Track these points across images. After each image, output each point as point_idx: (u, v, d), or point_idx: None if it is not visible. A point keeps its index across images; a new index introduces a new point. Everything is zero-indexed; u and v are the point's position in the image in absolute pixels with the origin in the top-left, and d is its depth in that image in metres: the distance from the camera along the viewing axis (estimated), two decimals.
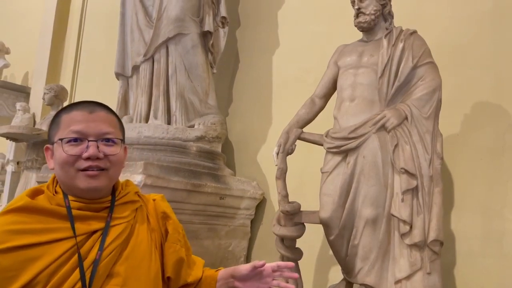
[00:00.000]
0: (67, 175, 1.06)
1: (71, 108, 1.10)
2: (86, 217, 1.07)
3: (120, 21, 2.88)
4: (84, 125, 1.07)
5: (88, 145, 1.05)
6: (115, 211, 1.11)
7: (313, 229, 2.02)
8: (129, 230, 1.11)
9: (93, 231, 1.06)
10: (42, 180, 2.67)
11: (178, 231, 1.21)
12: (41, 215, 1.04)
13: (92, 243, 1.05)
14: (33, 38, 5.01)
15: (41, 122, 3.72)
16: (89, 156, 1.04)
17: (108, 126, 1.09)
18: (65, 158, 1.05)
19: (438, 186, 1.71)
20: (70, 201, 1.07)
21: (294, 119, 2.07)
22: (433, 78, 1.79)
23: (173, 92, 2.71)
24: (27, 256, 0.99)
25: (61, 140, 1.06)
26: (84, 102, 1.13)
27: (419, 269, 1.67)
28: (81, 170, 1.05)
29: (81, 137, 1.06)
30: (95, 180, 1.06)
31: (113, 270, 1.05)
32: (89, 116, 1.08)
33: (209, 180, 2.45)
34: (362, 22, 1.93)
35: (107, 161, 1.07)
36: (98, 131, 1.07)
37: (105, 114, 1.11)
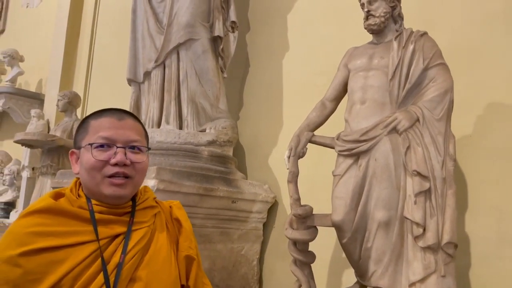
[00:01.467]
0: (93, 181, 1.07)
1: (100, 115, 1.12)
2: (108, 221, 1.08)
3: (132, 28, 2.92)
4: (113, 131, 1.08)
5: (116, 151, 1.07)
6: (136, 216, 1.12)
7: (325, 232, 2.02)
8: (150, 235, 1.12)
9: (115, 235, 1.07)
10: (57, 185, 2.71)
11: (190, 239, 1.21)
12: (64, 217, 1.05)
13: (115, 247, 1.06)
14: (46, 46, 5.09)
15: (55, 128, 3.78)
16: (117, 162, 1.06)
17: (136, 134, 1.11)
18: (93, 163, 1.06)
19: (451, 188, 1.70)
20: (93, 205, 1.08)
21: (305, 123, 2.07)
22: (445, 79, 1.77)
23: (184, 97, 2.73)
24: (51, 258, 0.99)
25: (90, 145, 1.07)
26: (113, 109, 1.15)
27: (433, 272, 1.65)
28: (108, 176, 1.06)
29: (109, 143, 1.07)
30: (120, 189, 1.07)
31: (135, 275, 1.06)
32: (118, 123, 1.10)
33: (221, 184, 2.46)
34: (372, 25, 1.92)
35: (132, 169, 1.09)
36: (126, 138, 1.09)
37: (133, 122, 1.13)
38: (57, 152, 3.51)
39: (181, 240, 1.19)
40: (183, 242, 1.19)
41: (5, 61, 5.06)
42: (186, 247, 1.18)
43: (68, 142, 3.52)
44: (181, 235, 1.20)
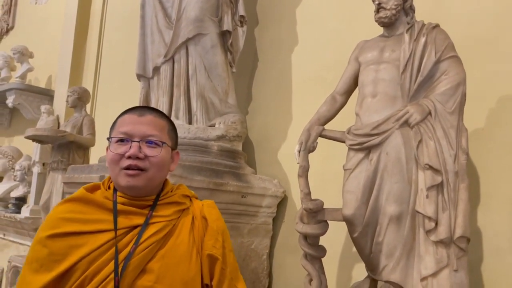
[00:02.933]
0: (113, 172, 1.15)
1: (125, 112, 1.21)
2: (129, 212, 1.14)
3: (140, 23, 2.92)
4: (131, 126, 1.15)
5: (131, 145, 1.13)
6: (157, 210, 1.17)
7: (336, 227, 2.02)
8: (169, 230, 1.16)
9: (133, 226, 1.13)
10: (68, 181, 2.73)
11: (215, 238, 1.21)
12: (91, 206, 1.14)
13: (131, 237, 1.11)
14: (55, 42, 5.12)
15: (65, 124, 3.80)
16: (130, 155, 1.12)
17: (153, 129, 1.16)
18: (112, 156, 1.14)
19: (463, 182, 1.68)
20: (117, 196, 1.16)
21: (315, 117, 2.06)
22: (457, 72, 1.75)
23: (194, 92, 2.73)
24: (72, 242, 1.08)
25: (111, 139, 1.16)
26: (139, 106, 1.24)
27: (446, 266, 1.64)
28: (123, 168, 1.13)
29: (127, 138, 1.14)
30: (133, 179, 1.13)
31: (147, 266, 1.10)
32: (137, 119, 1.17)
33: (230, 179, 2.47)
34: (382, 17, 1.90)
35: (147, 162, 1.14)
36: (143, 133, 1.15)
37: (153, 118, 1.19)
38: (67, 148, 3.53)
39: (206, 239, 1.20)
40: (207, 241, 1.20)
41: (15, 57, 5.10)
42: (210, 246, 1.19)
43: (78, 138, 3.54)
44: (207, 234, 1.21)
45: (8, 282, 3.52)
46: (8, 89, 4.92)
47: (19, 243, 4.66)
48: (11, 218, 4.41)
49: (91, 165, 2.70)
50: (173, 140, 1.24)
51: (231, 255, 1.24)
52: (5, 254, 4.55)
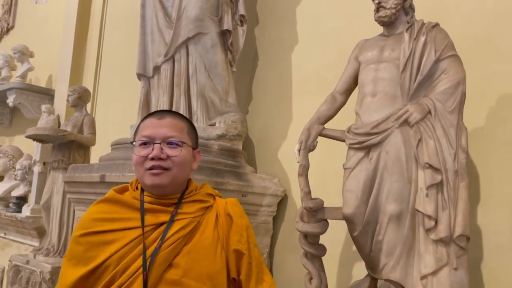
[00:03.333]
0: (139, 174, 1.24)
1: (147, 116, 1.29)
2: (155, 210, 1.22)
3: (141, 22, 2.92)
4: (152, 130, 1.23)
5: (153, 147, 1.20)
6: (181, 207, 1.24)
7: (336, 225, 2.02)
8: (194, 226, 1.22)
9: (160, 223, 1.20)
10: (68, 180, 2.74)
11: (240, 234, 1.26)
12: (120, 206, 1.23)
13: (158, 234, 1.18)
14: (55, 42, 5.12)
15: (65, 123, 3.80)
16: (153, 157, 1.19)
17: (173, 131, 1.24)
18: (136, 159, 1.22)
19: (463, 180, 1.69)
20: (144, 195, 1.24)
21: (315, 116, 2.06)
22: (457, 71, 1.76)
23: (194, 91, 2.74)
24: (103, 239, 1.17)
25: (134, 143, 1.25)
26: (158, 111, 1.33)
27: (445, 264, 1.64)
28: (148, 169, 1.21)
29: (149, 141, 1.22)
30: (158, 178, 1.20)
31: (174, 261, 1.17)
32: (157, 122, 1.24)
33: (231, 178, 2.47)
34: (382, 17, 1.91)
35: (170, 161, 1.21)
36: (163, 135, 1.22)
37: (172, 120, 1.26)
38: (68, 147, 3.54)
39: (231, 235, 1.26)
40: (233, 237, 1.25)
41: (16, 57, 5.10)
42: (235, 241, 1.25)
43: (79, 137, 3.54)
44: (232, 230, 1.26)
45: (9, 281, 3.52)
46: (9, 88, 4.92)
47: (20, 242, 4.67)
48: (12, 217, 4.42)
49: (92, 164, 2.70)
50: (193, 140, 1.30)
51: (256, 250, 1.30)
52: (6, 253, 4.56)
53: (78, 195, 2.69)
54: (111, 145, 2.74)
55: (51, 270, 3.22)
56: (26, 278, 3.34)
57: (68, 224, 3.44)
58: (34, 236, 4.38)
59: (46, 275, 3.21)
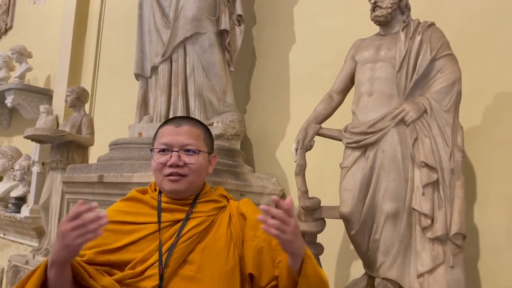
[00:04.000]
0: (158, 179, 1.30)
1: (165, 123, 1.35)
2: (172, 209, 1.29)
3: (138, 22, 2.93)
4: (170, 138, 1.29)
5: (171, 155, 1.26)
6: (196, 207, 1.30)
7: (333, 224, 2.03)
8: (208, 224, 1.28)
9: (175, 220, 1.27)
10: (67, 180, 2.74)
11: (255, 228, 1.28)
12: (141, 204, 1.32)
13: (174, 231, 1.25)
14: (54, 42, 5.12)
15: (64, 123, 3.81)
16: (171, 164, 1.25)
17: (190, 139, 1.29)
18: (155, 165, 1.29)
19: (459, 179, 1.70)
20: (162, 196, 1.31)
21: (312, 115, 2.07)
22: (453, 70, 1.76)
23: (192, 91, 2.74)
24: (125, 228, 1.26)
25: (153, 150, 1.31)
26: (176, 117, 1.40)
27: (442, 263, 1.65)
28: (166, 175, 1.27)
29: (167, 148, 1.28)
30: (176, 184, 1.27)
31: (189, 258, 1.23)
32: (175, 130, 1.30)
33: (229, 178, 2.48)
34: (378, 16, 1.91)
35: (187, 168, 1.27)
36: (181, 143, 1.28)
37: (189, 128, 1.31)
38: (66, 147, 3.54)
39: (246, 231, 1.29)
40: (248, 232, 1.29)
41: (14, 57, 5.10)
42: (251, 236, 1.28)
43: (77, 137, 3.55)
44: (246, 227, 1.30)
45: (9, 282, 3.53)
46: (7, 89, 4.92)
47: (19, 242, 4.68)
48: (11, 217, 4.42)
49: (90, 165, 2.71)
50: (209, 145, 1.36)
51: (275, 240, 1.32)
52: (5, 254, 4.57)
53: (77, 195, 2.70)
54: (109, 145, 2.74)
55: None
56: None
57: None
58: (33, 236, 4.38)
59: None
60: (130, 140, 2.66)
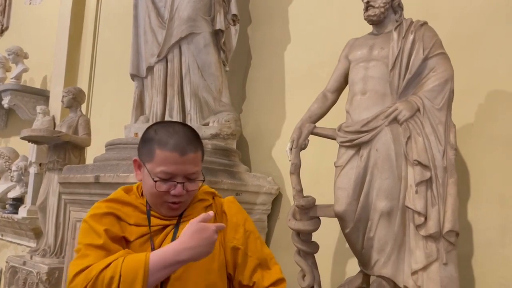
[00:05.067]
0: (154, 202, 1.25)
1: (165, 144, 1.20)
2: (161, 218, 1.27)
3: (133, 23, 2.93)
4: (174, 167, 1.20)
5: (176, 185, 1.21)
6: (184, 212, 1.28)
7: (328, 223, 2.04)
8: None
9: (165, 225, 1.25)
10: (63, 181, 2.75)
11: (235, 230, 1.29)
12: (128, 207, 1.26)
13: (165, 234, 1.24)
14: (50, 42, 5.12)
15: (60, 124, 3.81)
16: (176, 194, 1.21)
17: (194, 167, 1.23)
18: (155, 192, 1.21)
19: (452, 177, 1.71)
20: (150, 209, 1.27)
21: (307, 115, 2.08)
22: (445, 69, 1.78)
23: (187, 91, 2.75)
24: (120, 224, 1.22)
25: (153, 174, 1.20)
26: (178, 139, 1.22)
27: (435, 260, 1.67)
28: (168, 202, 1.23)
29: (170, 178, 1.21)
30: (176, 211, 1.26)
31: None
32: (179, 159, 1.20)
33: (225, 177, 2.49)
34: (371, 16, 1.93)
35: (187, 195, 1.24)
36: (185, 173, 1.21)
37: (193, 156, 1.23)
38: (63, 148, 3.55)
39: (227, 232, 1.28)
40: (228, 233, 1.28)
41: (10, 58, 5.10)
42: (230, 238, 1.28)
43: (74, 138, 3.55)
44: (227, 227, 1.28)
45: (6, 283, 3.53)
46: (4, 90, 4.92)
47: (17, 243, 4.68)
48: (9, 218, 4.43)
49: (87, 165, 2.71)
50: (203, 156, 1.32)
51: (258, 243, 1.31)
52: (3, 255, 4.57)
53: (73, 196, 2.71)
54: (105, 146, 2.75)
55: (48, 271, 3.23)
56: (23, 279, 3.36)
57: (64, 225, 3.45)
58: (31, 237, 4.39)
59: (43, 276, 3.22)
60: (126, 140, 2.66)
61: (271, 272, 1.29)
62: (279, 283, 1.28)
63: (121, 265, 1.08)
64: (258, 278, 1.26)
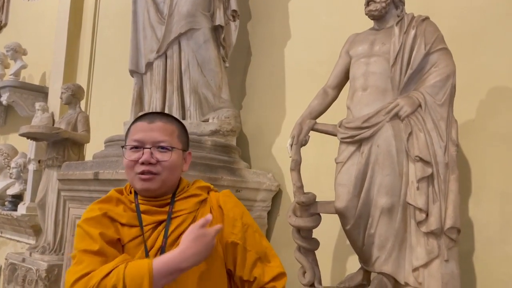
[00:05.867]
0: (129, 177, 1.25)
1: (137, 119, 1.28)
2: (151, 211, 1.24)
3: (132, 19, 2.91)
4: (142, 134, 1.23)
5: (143, 152, 1.21)
6: (175, 206, 1.26)
7: (329, 219, 2.03)
8: (191, 221, 1.24)
9: (158, 222, 1.23)
10: (62, 177, 2.73)
11: (232, 225, 1.27)
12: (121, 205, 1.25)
13: (158, 234, 1.21)
14: (49, 39, 5.10)
15: (59, 121, 3.80)
16: (143, 161, 1.20)
17: (163, 135, 1.23)
18: (127, 163, 1.23)
19: (454, 173, 1.70)
20: (138, 199, 1.26)
21: (307, 111, 2.07)
22: (447, 64, 1.76)
23: (187, 87, 2.73)
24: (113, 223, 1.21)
25: (125, 147, 1.25)
26: (149, 113, 1.30)
27: (436, 256, 1.66)
28: (138, 173, 1.22)
29: (139, 145, 1.22)
30: (147, 183, 1.22)
31: None
32: (147, 126, 1.23)
33: (225, 174, 2.48)
34: (372, 10, 1.91)
35: (159, 166, 1.22)
36: (154, 140, 1.22)
37: (162, 124, 1.25)
38: (62, 145, 3.53)
39: (224, 227, 1.26)
40: (226, 229, 1.26)
41: (8, 54, 5.08)
42: (228, 233, 1.26)
43: (73, 134, 3.54)
44: (224, 222, 1.27)
45: (6, 279, 3.53)
46: (2, 86, 4.91)
47: (16, 240, 4.68)
48: (8, 215, 4.42)
49: (85, 162, 2.70)
50: (183, 142, 1.30)
51: (257, 236, 1.29)
52: (3, 252, 4.57)
53: (72, 193, 2.69)
54: (104, 142, 2.74)
55: (47, 267, 3.23)
56: (22, 276, 3.35)
57: (64, 221, 3.44)
58: (30, 234, 4.38)
59: (42, 273, 3.21)
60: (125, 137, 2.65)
61: (271, 265, 1.28)
62: (280, 277, 1.26)
63: (124, 273, 1.06)
64: (258, 273, 1.24)
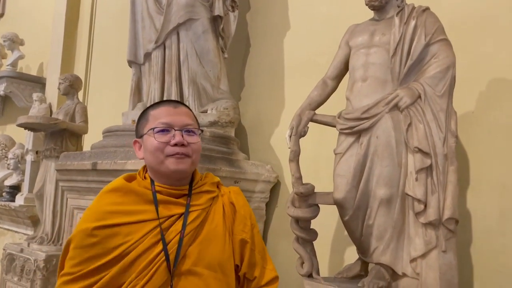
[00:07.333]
0: (157, 160, 1.23)
1: (157, 105, 1.29)
2: (167, 202, 1.24)
3: (131, 9, 2.89)
4: (170, 117, 1.24)
5: (174, 134, 1.22)
6: (192, 199, 1.26)
7: (327, 210, 2.04)
8: (204, 217, 1.25)
9: (172, 215, 1.22)
10: (60, 168, 2.73)
11: (243, 223, 1.31)
12: (131, 196, 1.22)
13: (174, 226, 1.21)
14: (46, 29, 5.07)
15: (57, 111, 3.77)
16: (176, 143, 1.21)
17: (189, 119, 1.27)
18: (156, 145, 1.22)
19: (452, 164, 1.70)
20: (155, 186, 1.24)
21: (306, 102, 2.06)
22: (447, 55, 1.76)
23: (185, 78, 2.72)
24: (119, 231, 1.17)
25: (152, 129, 1.23)
26: (167, 100, 1.34)
27: (434, 247, 1.66)
28: (170, 155, 1.22)
29: (168, 128, 1.23)
30: (182, 163, 1.23)
31: (187, 252, 1.20)
32: (173, 111, 1.26)
33: (223, 165, 2.47)
34: (373, 1, 1.90)
35: (190, 148, 1.24)
36: (182, 123, 1.25)
37: (186, 110, 1.30)
38: (60, 135, 3.52)
39: (236, 224, 1.31)
40: (237, 226, 1.30)
41: (6, 45, 5.05)
42: (239, 231, 1.30)
43: (71, 125, 3.52)
44: (236, 219, 1.31)
45: (4, 270, 3.53)
46: None
47: (14, 231, 4.68)
48: (6, 206, 4.42)
49: (84, 152, 2.69)
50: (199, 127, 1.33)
51: (258, 236, 1.35)
52: (1, 242, 4.57)
53: (70, 183, 2.69)
54: (102, 133, 2.73)
55: (45, 258, 3.23)
56: (21, 266, 3.35)
57: (62, 212, 3.44)
58: (28, 224, 4.38)
59: (40, 263, 3.21)
60: (123, 127, 2.64)
61: (268, 268, 1.34)
62: (274, 281, 1.34)
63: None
64: (258, 274, 1.31)
